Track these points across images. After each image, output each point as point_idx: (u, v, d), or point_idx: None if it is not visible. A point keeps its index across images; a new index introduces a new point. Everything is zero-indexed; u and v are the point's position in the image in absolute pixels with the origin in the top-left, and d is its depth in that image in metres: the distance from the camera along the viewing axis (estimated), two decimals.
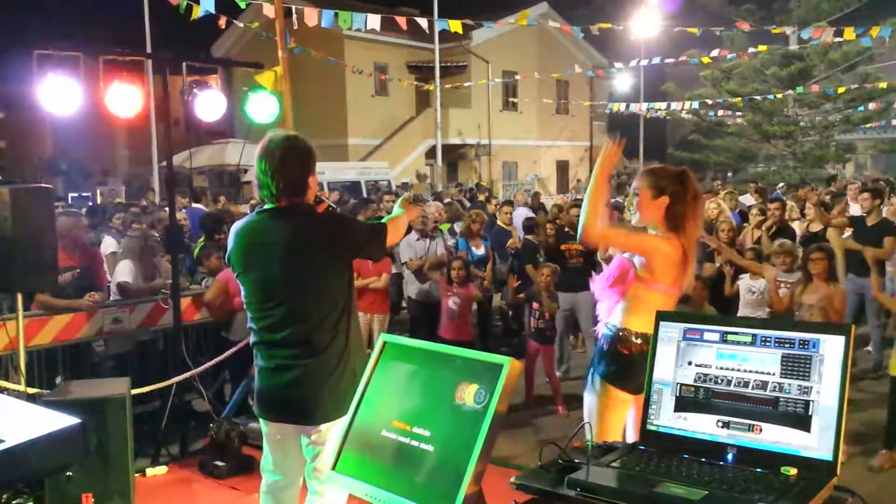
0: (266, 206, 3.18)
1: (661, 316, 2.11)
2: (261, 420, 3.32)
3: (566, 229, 8.05)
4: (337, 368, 3.11)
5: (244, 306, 3.28)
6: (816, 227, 8.85)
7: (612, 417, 3.31)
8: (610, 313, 3.40)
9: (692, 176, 3.41)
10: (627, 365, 3.24)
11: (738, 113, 25.08)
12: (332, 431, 3.09)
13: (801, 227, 9.21)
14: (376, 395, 2.41)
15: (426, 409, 2.24)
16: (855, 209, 9.38)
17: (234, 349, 5.96)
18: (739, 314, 6.65)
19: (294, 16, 10.13)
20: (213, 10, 8.66)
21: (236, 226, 3.31)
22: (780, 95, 21.55)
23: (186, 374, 5.65)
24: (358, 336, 3.26)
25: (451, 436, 2.12)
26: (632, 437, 3.21)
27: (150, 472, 5.22)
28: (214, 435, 5.31)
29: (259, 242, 3.14)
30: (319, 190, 3.62)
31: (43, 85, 5.14)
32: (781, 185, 17.71)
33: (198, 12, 8.65)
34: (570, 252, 7.77)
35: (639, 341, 3.22)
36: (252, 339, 3.26)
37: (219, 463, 5.20)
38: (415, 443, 2.20)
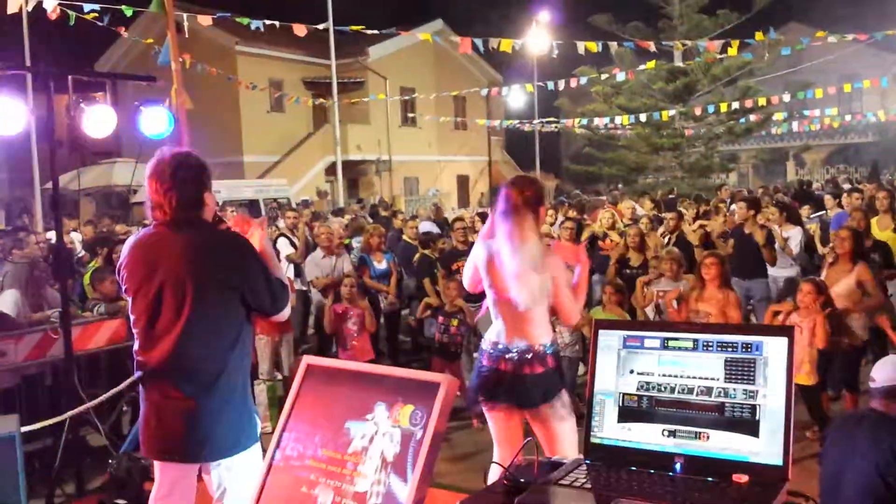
0: (160, 219, 2.94)
1: (600, 324, 2.05)
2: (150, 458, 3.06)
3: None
4: (230, 401, 2.88)
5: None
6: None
7: None
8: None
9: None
10: None
11: (629, 126, 25.95)
12: (236, 466, 2.89)
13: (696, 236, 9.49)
14: (300, 422, 2.25)
15: (357, 434, 2.10)
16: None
17: (130, 380, 5.61)
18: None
19: (185, 23, 9.77)
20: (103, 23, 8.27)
21: (131, 238, 3.09)
22: (664, 115, 22.37)
23: (81, 408, 5.27)
24: (248, 371, 3.06)
25: (386, 461, 1.99)
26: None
27: None
28: (114, 471, 4.97)
29: (149, 256, 2.90)
30: (220, 209, 3.42)
31: None
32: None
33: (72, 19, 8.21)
34: (461, 268, 7.76)
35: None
36: (137, 365, 2.98)
37: (119, 501, 4.86)
38: (347, 472, 2.06)
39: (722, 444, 1.80)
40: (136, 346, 2.98)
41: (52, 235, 9.95)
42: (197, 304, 2.82)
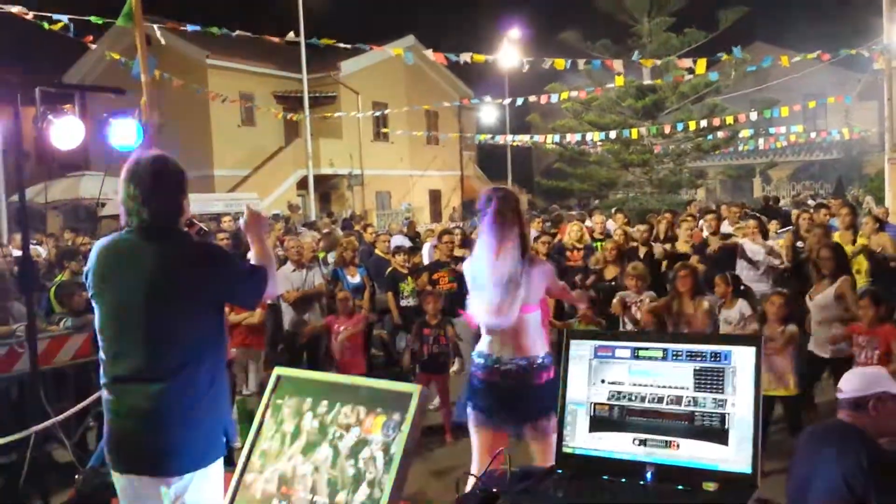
0: (135, 225, 2.85)
1: (571, 334, 2.07)
2: (113, 473, 2.95)
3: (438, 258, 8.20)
4: (196, 413, 2.79)
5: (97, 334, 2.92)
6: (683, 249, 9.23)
7: None
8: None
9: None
10: None
11: (599, 142, 26.16)
12: (197, 483, 2.80)
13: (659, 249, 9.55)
14: (272, 434, 2.24)
15: (330, 444, 2.09)
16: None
17: (96, 395, 5.53)
18: None
19: (157, 34, 9.70)
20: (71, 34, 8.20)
21: (100, 243, 2.98)
22: (634, 132, 22.59)
23: (47, 423, 5.18)
24: (224, 380, 2.96)
25: (358, 472, 1.98)
26: None
27: None
28: (80, 487, 4.88)
29: (122, 262, 2.82)
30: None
31: None
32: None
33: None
34: (441, 279, 7.80)
35: None
36: (102, 374, 2.89)
37: None
38: (319, 484, 2.05)
39: (692, 452, 1.83)
40: (100, 355, 2.91)
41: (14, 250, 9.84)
42: (162, 316, 2.76)
